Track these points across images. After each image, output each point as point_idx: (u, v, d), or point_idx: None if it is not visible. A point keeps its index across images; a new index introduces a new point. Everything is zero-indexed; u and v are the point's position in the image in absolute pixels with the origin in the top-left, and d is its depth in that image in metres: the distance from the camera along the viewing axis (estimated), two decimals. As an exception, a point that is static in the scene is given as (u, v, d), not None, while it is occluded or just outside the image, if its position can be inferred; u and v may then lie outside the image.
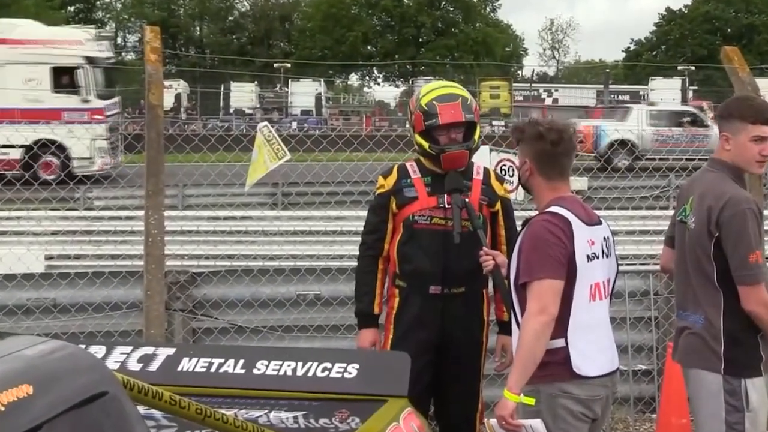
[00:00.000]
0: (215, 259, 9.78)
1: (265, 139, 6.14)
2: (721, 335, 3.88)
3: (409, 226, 4.55)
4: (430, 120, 4.50)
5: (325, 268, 6.81)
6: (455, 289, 4.52)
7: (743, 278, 3.81)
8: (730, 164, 3.99)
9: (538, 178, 3.79)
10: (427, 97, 4.56)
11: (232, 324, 6.51)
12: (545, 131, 3.72)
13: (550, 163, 3.75)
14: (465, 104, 4.52)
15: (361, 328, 4.69)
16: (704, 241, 3.90)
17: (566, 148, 3.75)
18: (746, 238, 3.80)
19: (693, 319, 4.00)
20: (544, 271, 3.56)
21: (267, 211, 12.98)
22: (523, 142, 3.83)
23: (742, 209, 3.82)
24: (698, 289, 3.97)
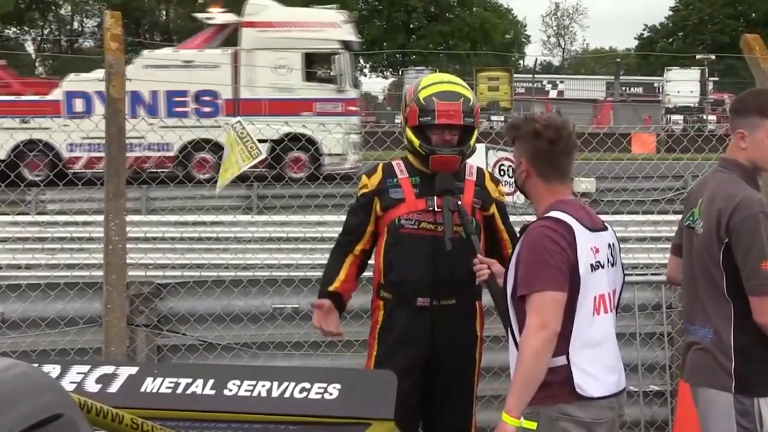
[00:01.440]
0: (183, 268, 9.79)
1: (237, 137, 6.17)
2: (731, 351, 3.91)
3: (394, 230, 4.59)
4: (426, 117, 4.54)
5: (304, 278, 6.83)
6: (446, 300, 4.55)
7: (755, 288, 3.83)
8: (743, 164, 4.02)
9: (536, 179, 3.82)
10: (427, 91, 4.60)
11: (201, 340, 6.52)
12: (542, 128, 3.76)
13: (548, 163, 3.78)
14: (467, 106, 4.56)
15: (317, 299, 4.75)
16: (713, 247, 3.92)
17: (566, 146, 3.78)
18: (759, 244, 3.81)
19: (701, 334, 4.03)
20: (544, 283, 3.58)
21: (240, 216, 12.96)
22: (519, 140, 3.86)
23: (755, 212, 3.83)
24: (707, 301, 3.99)
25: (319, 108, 23.00)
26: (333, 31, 24.05)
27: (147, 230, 10.34)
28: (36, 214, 14.14)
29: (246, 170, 6.03)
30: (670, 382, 6.68)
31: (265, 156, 6.23)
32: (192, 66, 23.65)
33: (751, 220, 3.83)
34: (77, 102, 23.60)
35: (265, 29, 23.74)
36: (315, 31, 23.82)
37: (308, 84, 23.62)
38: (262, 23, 23.82)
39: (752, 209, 3.85)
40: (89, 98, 23.31)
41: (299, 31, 23.60)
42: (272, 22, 23.86)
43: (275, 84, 23.15)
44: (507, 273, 3.81)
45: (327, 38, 23.91)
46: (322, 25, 24.14)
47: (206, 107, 23.48)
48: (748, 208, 3.85)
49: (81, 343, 6.30)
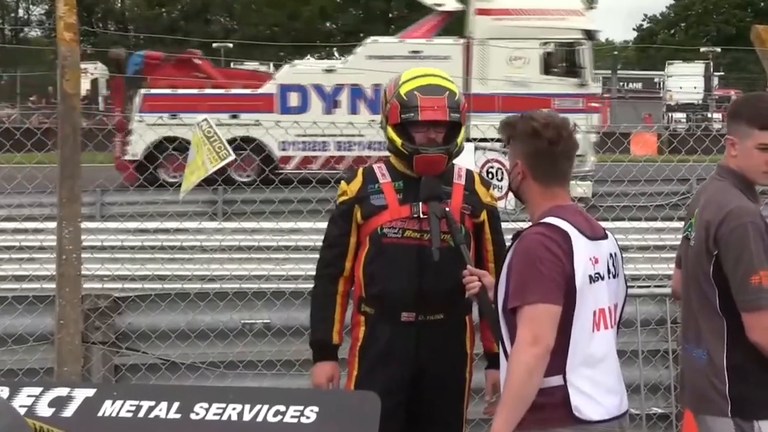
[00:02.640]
0: (143, 280, 9.76)
1: (204, 136, 6.15)
2: (724, 372, 3.96)
3: (376, 240, 4.57)
4: (408, 113, 4.53)
5: (276, 291, 6.82)
6: (432, 315, 4.54)
7: (745, 304, 3.87)
8: (737, 172, 4.08)
9: (532, 182, 3.82)
10: (409, 85, 4.59)
11: (164, 359, 6.50)
12: (541, 127, 3.76)
13: (547, 165, 3.79)
14: (452, 100, 4.56)
15: (316, 361, 4.70)
16: (703, 260, 3.99)
17: (566, 147, 3.79)
18: (747, 257, 3.85)
19: (696, 354, 4.08)
20: (537, 294, 3.58)
21: (206, 223, 12.94)
22: (515, 139, 3.86)
23: (744, 223, 3.88)
24: (700, 318, 4.05)
25: (557, 104, 22.42)
26: (575, 20, 23.62)
27: (104, 238, 10.28)
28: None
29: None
30: (675, 404, 6.69)
31: (234, 157, 6.21)
32: (419, 57, 23.12)
33: (740, 232, 3.88)
34: (292, 96, 23.40)
35: (501, 17, 23.35)
36: (555, 19, 23.40)
37: (546, 78, 23.24)
38: (497, 11, 23.44)
39: (741, 220, 3.90)
40: (305, 92, 23.24)
41: (538, 20, 23.17)
42: (509, 10, 23.42)
43: (510, 77, 22.88)
44: (497, 283, 3.81)
45: (568, 27, 23.51)
46: (564, 12, 23.69)
47: None
48: (737, 218, 3.90)
49: (31, 362, 6.27)
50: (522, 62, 23.07)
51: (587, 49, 23.59)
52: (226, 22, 71.64)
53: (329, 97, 23.29)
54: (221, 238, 11.54)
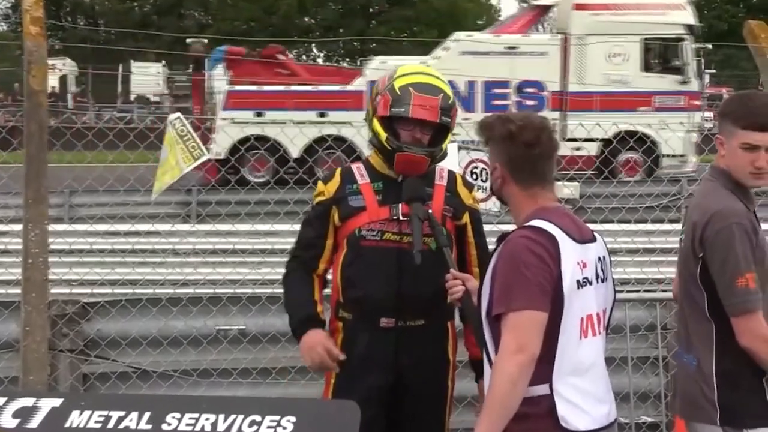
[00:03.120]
0: (113, 285, 9.72)
1: (177, 135, 6.15)
2: (713, 378, 3.99)
3: (354, 243, 4.57)
4: (399, 108, 4.53)
5: (252, 296, 6.82)
6: (413, 321, 4.54)
7: (733, 308, 3.91)
8: (727, 172, 4.11)
9: (513, 185, 3.83)
10: (404, 80, 4.60)
11: (134, 367, 6.48)
12: (517, 130, 3.76)
13: (526, 168, 3.79)
14: (445, 103, 4.56)
15: (300, 338, 4.58)
16: (690, 263, 4.03)
17: (545, 149, 3.79)
18: (733, 259, 3.89)
19: (687, 360, 4.12)
20: (523, 301, 3.57)
21: (179, 225, 12.91)
22: (492, 142, 3.86)
23: (729, 224, 3.91)
24: (690, 322, 4.10)
25: (658, 102, 22.59)
26: (677, 14, 23.54)
27: (72, 241, 10.24)
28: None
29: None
30: (666, 412, 6.72)
31: (209, 157, 6.19)
32: (515, 53, 23.26)
33: (725, 234, 3.91)
34: None
35: (600, 12, 23.30)
36: (656, 14, 23.31)
37: (645, 75, 23.16)
38: (596, 5, 23.37)
39: (726, 221, 3.93)
40: None
41: (638, 15, 23.09)
42: (608, 5, 23.35)
43: (608, 75, 22.83)
44: (481, 289, 3.80)
45: (670, 22, 23.42)
46: (665, 7, 23.59)
47: (529, 101, 23.17)
48: (722, 220, 3.93)
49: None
50: (621, 59, 23.09)
51: (689, 44, 23.63)
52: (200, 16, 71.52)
53: None
54: (195, 241, 11.53)
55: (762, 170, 4.03)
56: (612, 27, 22.96)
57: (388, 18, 68.69)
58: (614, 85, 22.53)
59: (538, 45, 23.72)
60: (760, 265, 3.94)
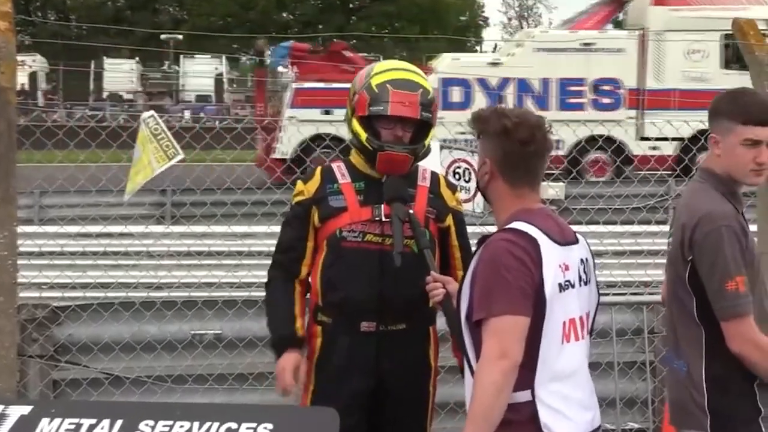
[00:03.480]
0: (84, 288, 9.68)
1: (151, 134, 6.14)
2: (702, 384, 3.99)
3: (335, 244, 4.56)
4: (377, 106, 4.53)
5: (228, 300, 6.81)
6: (394, 325, 4.54)
7: (723, 312, 3.91)
8: (719, 174, 4.11)
9: (501, 183, 3.81)
10: (381, 78, 4.60)
11: (107, 373, 6.47)
12: (513, 126, 3.74)
13: (517, 166, 3.77)
14: (425, 98, 4.57)
15: (278, 356, 4.61)
16: (679, 266, 4.03)
17: (539, 148, 3.77)
18: (722, 262, 3.89)
19: (677, 366, 4.12)
20: (504, 305, 3.56)
21: (153, 227, 12.86)
22: (485, 136, 3.85)
23: (717, 227, 3.91)
24: (678, 327, 4.10)
25: None
26: (759, 9, 23.23)
27: (42, 243, 10.21)
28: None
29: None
30: (653, 418, 6.74)
31: (183, 156, 6.19)
32: (591, 49, 23.16)
33: (714, 236, 3.91)
34: (454, 91, 23.27)
35: (679, 8, 23.25)
36: (737, 9, 22.51)
37: (725, 72, 22.88)
38: (676, 0, 23.37)
39: (715, 223, 3.92)
40: (469, 86, 23.06)
41: (718, 10, 22.61)
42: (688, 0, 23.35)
43: (687, 72, 22.78)
44: (461, 293, 3.79)
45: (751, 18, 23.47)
46: (746, 2, 23.54)
47: (606, 98, 23.12)
48: (711, 222, 3.93)
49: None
50: (700, 56, 23.07)
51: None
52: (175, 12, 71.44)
53: (494, 92, 23.16)
54: (169, 243, 11.50)
55: (763, 166, 4.03)
56: (691, 23, 22.93)
57: (369, 13, 68.71)
58: (693, 82, 22.49)
59: (615, 41, 23.76)
60: (749, 267, 3.95)
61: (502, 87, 23.20)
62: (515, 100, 22.91)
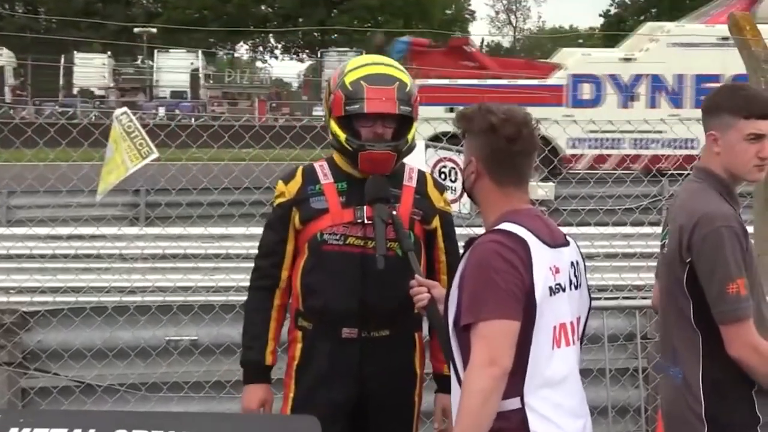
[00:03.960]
0: (54, 293, 9.65)
1: (124, 131, 6.12)
2: (700, 391, 4.01)
3: (316, 247, 4.56)
4: (353, 105, 4.52)
5: (205, 304, 6.80)
6: (377, 331, 4.54)
7: (722, 316, 3.92)
8: (716, 173, 4.13)
9: (487, 182, 3.82)
10: (354, 75, 4.59)
11: (78, 381, 6.45)
12: (499, 123, 3.75)
13: (504, 164, 3.79)
14: (402, 92, 4.55)
15: (247, 384, 4.69)
16: (676, 269, 4.04)
17: (526, 146, 3.79)
18: (723, 265, 3.90)
19: (673, 374, 4.14)
20: (493, 310, 3.56)
21: (126, 228, 12.85)
22: (470, 134, 3.86)
23: (717, 228, 3.93)
24: (674, 332, 4.11)
25: None
26: None
27: (10, 246, 10.20)
28: None
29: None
30: (646, 427, 6.76)
31: (158, 155, 6.18)
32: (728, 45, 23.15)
33: (713, 237, 3.92)
34: (585, 88, 23.14)
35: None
36: None
37: None
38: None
39: (714, 224, 3.94)
40: (600, 83, 22.99)
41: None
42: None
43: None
44: (448, 297, 3.79)
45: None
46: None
47: None
48: (710, 223, 3.94)
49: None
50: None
51: None
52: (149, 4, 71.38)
53: (626, 88, 23.13)
54: (143, 246, 11.47)
55: (766, 160, 4.06)
56: None
57: (351, 7, 68.80)
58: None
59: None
60: (748, 270, 3.96)
61: (635, 83, 23.19)
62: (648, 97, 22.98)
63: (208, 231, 10.67)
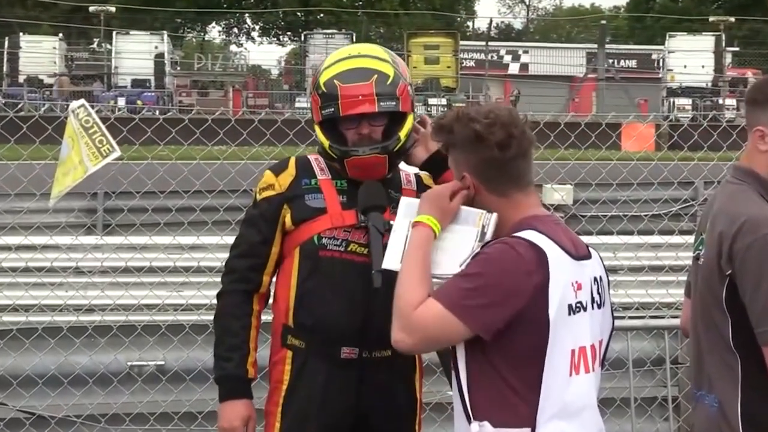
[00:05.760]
0: (2, 311, 9.70)
1: (81, 126, 6.13)
2: (738, 422, 4.00)
3: (311, 253, 4.53)
4: (328, 108, 4.51)
5: (173, 324, 6.82)
6: (379, 352, 4.53)
7: (766, 336, 3.90)
8: (760, 174, 4.10)
9: (487, 195, 3.81)
10: (328, 73, 4.58)
11: (28, 412, 6.47)
12: (485, 130, 3.74)
13: (501, 173, 3.79)
14: (383, 86, 4.52)
15: (225, 400, 4.60)
16: (714, 283, 4.02)
17: (520, 148, 3.77)
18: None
19: (708, 402, 4.13)
20: (458, 301, 3.61)
21: (83, 237, 12.84)
22: (455, 147, 3.85)
23: (764, 235, 3.90)
24: (709, 356, 4.10)
25: None
26: None
27: (-50, 258, 10.20)
28: None
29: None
30: (677, 464, 6.78)
31: (120, 153, 6.19)
32: None
33: (759, 247, 3.90)
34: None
35: None
36: None
37: None
38: None
39: (759, 231, 3.91)
40: None
41: None
42: None
43: None
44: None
45: None
46: None
47: None
48: (754, 230, 3.92)
49: None
50: None
51: None
52: (106, -21, 71.22)
53: None
54: (102, 257, 11.47)
55: None
56: None
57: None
58: None
59: None
60: None
61: None
62: None
63: (177, 240, 10.69)
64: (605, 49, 54.65)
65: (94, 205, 16.43)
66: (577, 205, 12.49)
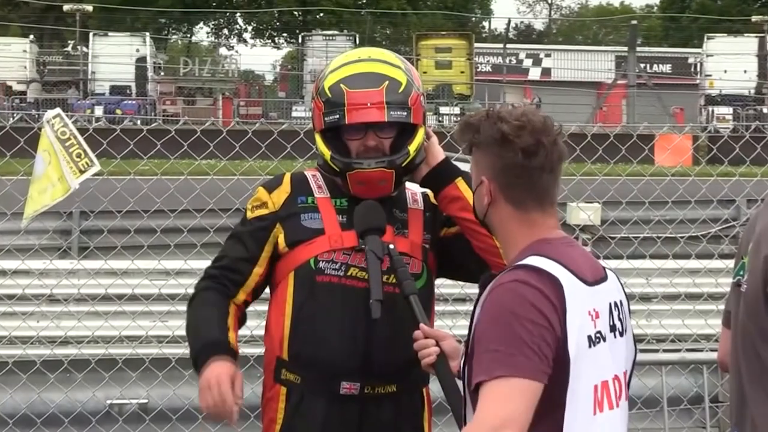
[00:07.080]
0: (-30, 343, 9.72)
1: (57, 139, 6.16)
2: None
3: (307, 278, 4.53)
4: (332, 115, 4.52)
5: (157, 358, 6.83)
6: (382, 387, 4.55)
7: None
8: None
9: (505, 206, 3.78)
10: (334, 77, 4.59)
11: (-1, 455, 6.50)
12: (513, 132, 3.73)
13: (523, 183, 3.75)
14: (394, 94, 4.52)
15: (206, 364, 4.42)
16: (759, 311, 4.03)
17: (548, 159, 3.76)
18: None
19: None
20: (511, 366, 3.48)
21: (57, 261, 12.87)
22: (479, 148, 3.84)
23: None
24: (751, 393, 4.10)
25: None
26: None
27: None
28: None
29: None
30: None
31: (99, 168, 6.21)
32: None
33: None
34: None
35: None
36: None
37: None
38: None
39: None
40: None
41: None
42: None
43: None
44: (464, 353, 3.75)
45: None
46: None
47: None
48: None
49: None
50: None
51: None
52: (83, -24, 71.42)
53: None
54: (78, 283, 11.49)
55: None
56: None
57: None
58: None
59: None
60: None
61: None
62: None
63: (162, 265, 10.70)
64: (636, 53, 54.68)
65: (69, 225, 16.43)
66: (606, 225, 12.48)
